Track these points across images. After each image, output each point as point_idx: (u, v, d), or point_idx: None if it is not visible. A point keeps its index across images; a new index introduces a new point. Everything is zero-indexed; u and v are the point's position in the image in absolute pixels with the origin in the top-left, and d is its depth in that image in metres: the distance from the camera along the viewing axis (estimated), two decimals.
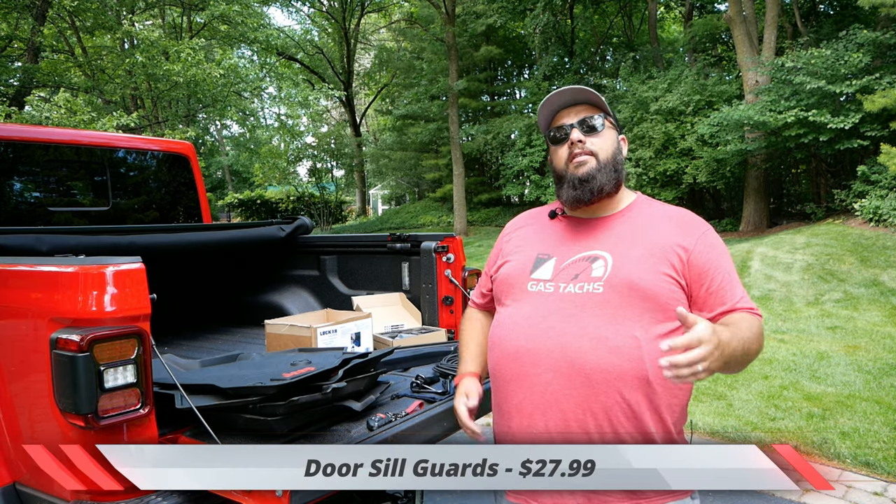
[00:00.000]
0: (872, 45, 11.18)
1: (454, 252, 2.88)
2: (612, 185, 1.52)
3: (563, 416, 1.41)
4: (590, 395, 1.39)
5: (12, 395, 1.76)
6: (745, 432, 4.24)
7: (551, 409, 1.42)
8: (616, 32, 23.18)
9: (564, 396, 1.40)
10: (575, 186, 1.52)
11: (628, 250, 1.46)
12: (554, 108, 1.59)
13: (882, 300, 7.66)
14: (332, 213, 29.47)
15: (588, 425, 1.39)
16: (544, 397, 1.43)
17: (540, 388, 1.43)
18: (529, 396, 1.45)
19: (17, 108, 10.90)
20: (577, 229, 1.57)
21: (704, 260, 1.44)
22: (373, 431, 1.70)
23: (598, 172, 1.51)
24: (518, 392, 1.47)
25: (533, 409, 1.44)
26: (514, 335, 1.49)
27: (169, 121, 16.21)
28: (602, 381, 1.37)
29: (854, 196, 11.34)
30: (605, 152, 1.53)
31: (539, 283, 1.50)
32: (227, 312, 3.66)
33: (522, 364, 1.46)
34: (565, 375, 1.40)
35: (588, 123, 1.53)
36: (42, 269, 1.71)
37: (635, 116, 15.79)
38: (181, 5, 16.98)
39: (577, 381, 1.39)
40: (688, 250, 1.44)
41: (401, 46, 27.78)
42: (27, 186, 3.48)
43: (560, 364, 1.41)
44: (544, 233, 1.62)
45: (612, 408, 1.38)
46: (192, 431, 1.72)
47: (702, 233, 1.48)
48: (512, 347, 1.49)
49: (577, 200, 1.52)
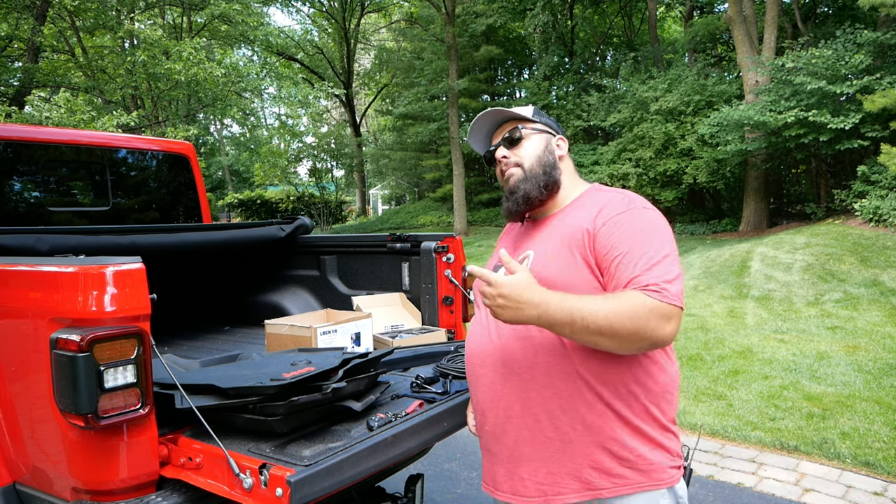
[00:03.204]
0: (873, 45, 11.18)
1: (454, 252, 2.88)
2: (539, 190, 1.58)
3: (505, 413, 1.51)
4: (525, 392, 1.48)
5: (12, 395, 1.76)
6: (745, 432, 4.24)
7: (495, 406, 1.53)
8: (616, 32, 23.19)
9: (505, 394, 1.51)
10: (507, 198, 1.64)
11: (546, 246, 1.52)
12: (481, 135, 1.72)
13: (882, 300, 7.66)
14: (332, 213, 29.47)
15: (527, 420, 1.48)
16: (490, 395, 1.54)
17: (486, 387, 1.55)
18: (482, 395, 1.57)
19: (17, 108, 10.89)
20: (526, 232, 1.67)
21: (607, 241, 1.40)
22: (373, 431, 1.70)
23: (523, 182, 1.59)
24: (476, 392, 1.61)
25: (484, 407, 1.57)
26: (469, 340, 1.64)
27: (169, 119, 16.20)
28: (531, 379, 1.47)
29: (854, 196, 11.34)
30: (529, 159, 1.61)
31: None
32: (227, 312, 3.66)
33: (473, 366, 1.60)
34: (501, 374, 1.51)
35: (509, 137, 1.63)
36: (42, 269, 1.71)
37: (635, 116, 15.80)
38: (181, 5, 16.97)
39: (512, 380, 1.49)
40: (590, 232, 1.43)
41: (401, 46, 27.79)
42: (27, 186, 3.48)
43: (497, 364, 1.52)
44: (512, 237, 1.73)
45: (547, 402, 1.45)
46: (192, 431, 1.72)
47: (616, 213, 1.44)
48: (468, 352, 1.64)
49: (509, 212, 1.65)
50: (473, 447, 4.23)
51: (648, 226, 1.42)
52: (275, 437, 1.66)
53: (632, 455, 1.42)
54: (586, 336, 1.30)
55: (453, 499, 3.56)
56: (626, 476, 1.42)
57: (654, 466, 1.43)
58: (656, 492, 1.43)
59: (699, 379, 5.35)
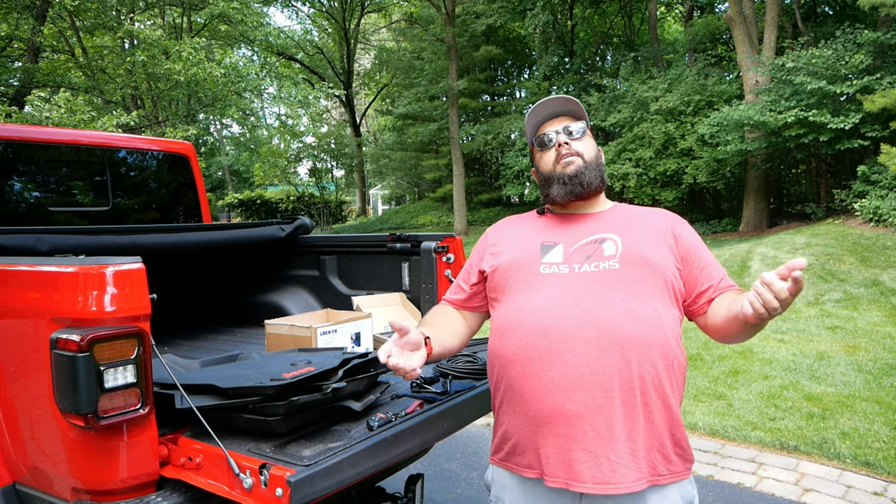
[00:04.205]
0: (873, 45, 11.18)
1: (454, 252, 2.88)
2: (598, 181, 1.65)
3: (600, 388, 1.41)
4: (626, 364, 1.42)
5: (12, 395, 1.76)
6: (745, 432, 4.24)
7: (588, 381, 1.41)
8: (616, 32, 23.19)
9: (603, 367, 1.42)
10: (565, 183, 1.63)
11: (632, 232, 1.59)
12: (540, 118, 1.72)
13: (882, 300, 7.66)
14: (332, 213, 29.48)
15: (624, 395, 1.42)
16: (580, 369, 1.42)
17: (573, 361, 1.42)
18: (562, 372, 1.43)
19: (17, 108, 10.88)
20: (574, 221, 1.66)
21: (689, 242, 1.61)
22: (373, 431, 1.70)
23: (586, 170, 1.64)
24: (550, 370, 1.44)
25: (568, 385, 1.42)
26: (538, 315, 1.48)
27: (169, 119, 16.21)
28: (634, 349, 1.42)
29: (854, 196, 11.34)
30: (588, 154, 1.66)
31: (552, 266, 1.56)
32: (227, 312, 3.66)
33: (551, 341, 1.44)
34: (600, 346, 1.41)
35: (571, 130, 1.67)
36: (42, 269, 1.71)
37: (635, 116, 15.79)
38: (181, 5, 16.97)
39: (612, 350, 1.42)
40: (676, 234, 1.62)
41: (401, 46, 27.80)
42: (27, 186, 3.48)
43: (592, 336, 1.42)
44: (539, 227, 1.70)
45: (644, 376, 1.43)
46: (192, 431, 1.72)
47: (682, 222, 1.68)
48: (538, 327, 1.47)
49: (570, 193, 1.63)
50: (474, 447, 4.23)
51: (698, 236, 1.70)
52: (275, 437, 1.66)
53: (683, 440, 1.50)
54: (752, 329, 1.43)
55: (453, 499, 3.56)
56: (676, 463, 1.48)
57: (689, 454, 1.52)
58: (686, 480, 1.52)
59: (699, 379, 5.35)
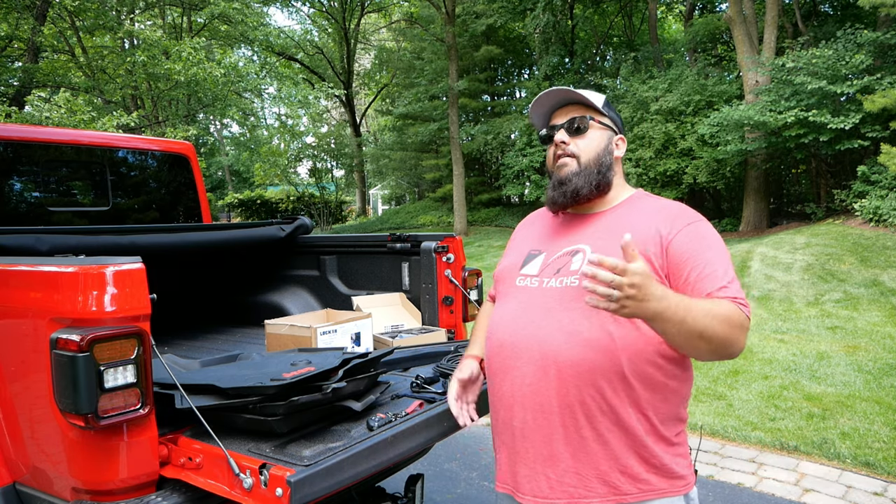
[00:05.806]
0: (873, 45, 11.18)
1: (454, 252, 2.88)
2: (590, 188, 1.53)
3: (540, 409, 1.43)
4: (564, 388, 1.40)
5: (12, 395, 1.76)
6: (745, 432, 4.24)
7: (529, 401, 1.45)
8: (616, 32, 23.18)
9: (542, 389, 1.43)
10: (554, 187, 1.57)
11: (606, 242, 1.47)
12: (545, 108, 1.62)
13: (882, 300, 7.66)
14: (332, 213, 29.46)
15: (564, 418, 1.41)
16: (522, 389, 1.46)
17: (519, 380, 1.47)
18: (510, 388, 1.49)
19: (17, 108, 10.88)
20: (568, 224, 1.60)
21: (684, 249, 1.40)
22: (373, 431, 1.70)
23: (576, 176, 1.54)
24: (502, 384, 1.51)
25: (513, 402, 1.48)
26: (500, 329, 1.54)
27: (169, 120, 16.21)
28: (574, 375, 1.39)
29: (854, 196, 11.34)
30: (587, 154, 1.55)
31: (526, 279, 1.55)
32: (227, 312, 3.66)
33: (504, 357, 1.50)
34: (541, 368, 1.43)
35: (574, 125, 1.56)
36: (42, 269, 1.71)
37: (635, 116, 15.79)
38: (181, 5, 16.97)
39: (552, 374, 1.42)
40: (666, 238, 1.42)
41: (401, 46, 27.77)
42: (27, 186, 3.48)
43: (536, 357, 1.44)
44: (543, 229, 1.67)
45: (586, 401, 1.40)
46: (192, 431, 1.72)
47: (687, 223, 1.45)
48: (497, 341, 1.54)
49: (553, 202, 1.58)
50: (474, 447, 4.23)
51: (717, 241, 1.45)
52: (275, 437, 1.66)
53: (658, 461, 1.42)
54: (688, 337, 1.27)
55: (453, 499, 3.56)
56: (651, 482, 1.41)
57: (675, 472, 1.44)
58: (676, 498, 1.43)
59: (699, 379, 5.35)
